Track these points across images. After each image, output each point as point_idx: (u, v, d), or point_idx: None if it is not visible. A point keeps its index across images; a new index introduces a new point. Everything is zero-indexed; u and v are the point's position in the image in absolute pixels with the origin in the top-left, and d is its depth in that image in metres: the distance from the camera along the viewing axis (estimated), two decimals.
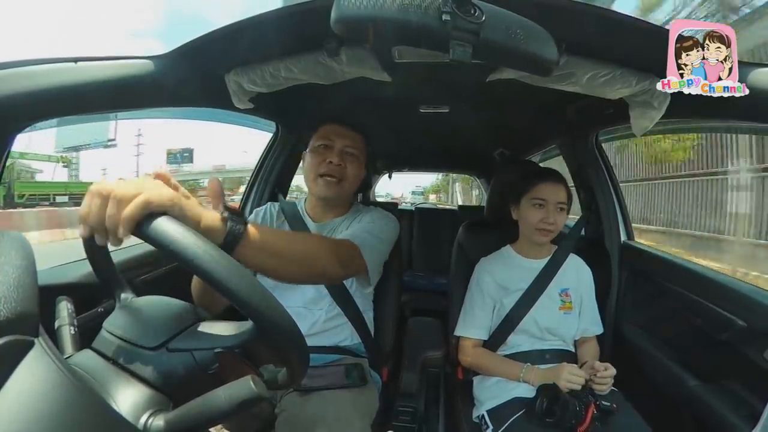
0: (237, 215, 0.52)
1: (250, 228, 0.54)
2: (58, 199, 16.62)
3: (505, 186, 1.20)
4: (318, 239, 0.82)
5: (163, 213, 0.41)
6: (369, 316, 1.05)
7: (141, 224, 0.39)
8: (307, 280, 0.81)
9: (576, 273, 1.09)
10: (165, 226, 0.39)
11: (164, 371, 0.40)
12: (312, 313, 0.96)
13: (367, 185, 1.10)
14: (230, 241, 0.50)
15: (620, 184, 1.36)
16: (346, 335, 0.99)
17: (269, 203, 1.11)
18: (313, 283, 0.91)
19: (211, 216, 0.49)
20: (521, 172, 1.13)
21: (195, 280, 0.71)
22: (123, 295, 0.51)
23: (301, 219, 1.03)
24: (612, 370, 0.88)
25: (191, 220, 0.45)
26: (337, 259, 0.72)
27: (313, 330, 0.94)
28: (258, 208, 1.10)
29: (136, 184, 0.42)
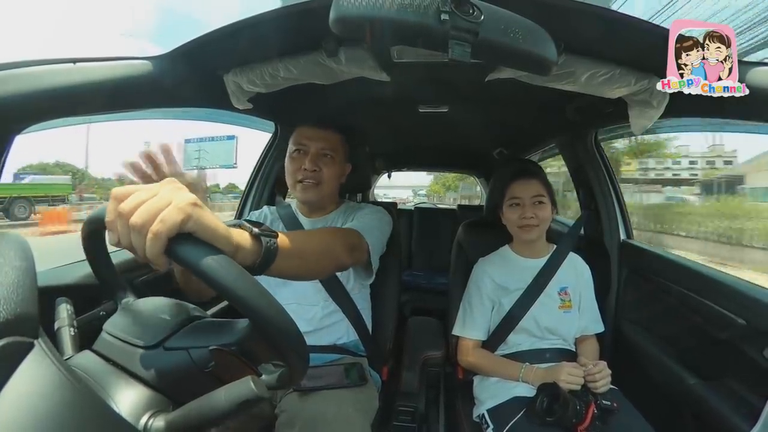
0: (264, 228, 0.48)
1: (280, 238, 0.50)
2: None
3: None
4: (327, 231, 0.83)
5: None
6: (367, 314, 1.05)
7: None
8: (323, 273, 0.79)
9: (574, 271, 1.09)
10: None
11: (161, 370, 0.40)
12: (305, 309, 0.95)
13: (365, 185, 1.10)
14: (268, 257, 0.47)
15: None
16: (342, 333, 0.99)
17: (266, 206, 1.13)
18: (327, 275, 0.88)
19: (238, 233, 0.44)
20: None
21: (179, 269, 0.66)
22: (123, 297, 0.50)
23: (296, 218, 1.05)
24: (602, 365, 0.89)
25: (222, 238, 0.40)
26: (346, 245, 0.73)
27: (309, 327, 0.94)
28: (254, 212, 1.11)
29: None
